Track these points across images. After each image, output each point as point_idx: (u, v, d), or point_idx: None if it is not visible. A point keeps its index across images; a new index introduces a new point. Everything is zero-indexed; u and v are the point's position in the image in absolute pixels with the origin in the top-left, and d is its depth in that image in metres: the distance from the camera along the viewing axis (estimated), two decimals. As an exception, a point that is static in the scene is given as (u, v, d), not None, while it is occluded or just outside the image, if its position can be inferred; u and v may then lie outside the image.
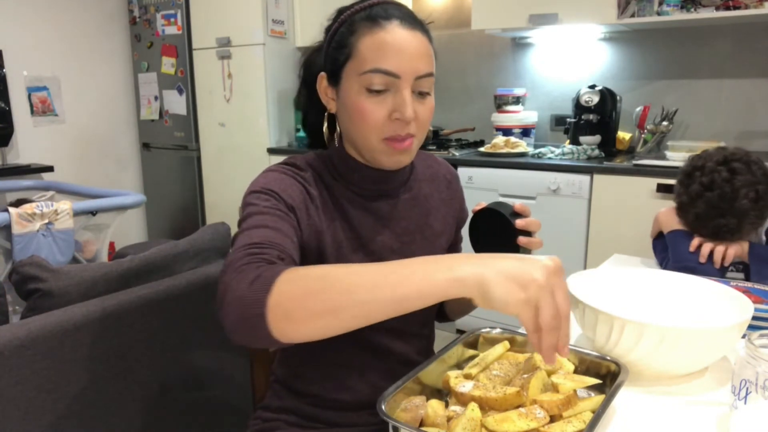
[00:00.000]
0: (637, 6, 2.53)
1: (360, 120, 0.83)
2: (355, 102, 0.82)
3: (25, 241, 2.29)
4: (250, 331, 0.61)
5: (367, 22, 0.82)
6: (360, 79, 0.82)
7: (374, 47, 0.81)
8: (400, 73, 0.80)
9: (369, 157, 0.88)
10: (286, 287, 0.61)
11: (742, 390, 0.68)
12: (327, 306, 0.60)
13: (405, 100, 0.81)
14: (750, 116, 2.58)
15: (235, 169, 3.50)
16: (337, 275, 0.62)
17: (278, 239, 0.74)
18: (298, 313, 0.60)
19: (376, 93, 0.81)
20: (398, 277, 0.60)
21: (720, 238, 1.15)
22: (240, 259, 0.68)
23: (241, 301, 0.62)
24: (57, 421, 1.12)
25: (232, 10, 3.29)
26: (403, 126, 0.82)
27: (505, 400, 0.69)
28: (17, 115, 3.41)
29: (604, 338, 0.80)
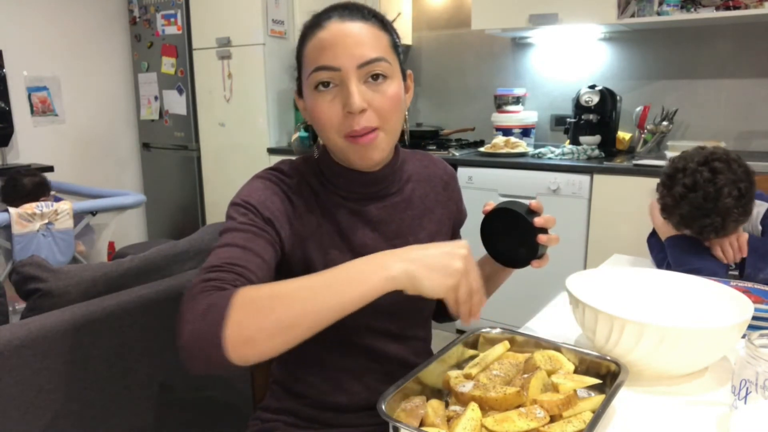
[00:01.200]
0: (637, 6, 2.53)
1: (318, 121, 0.83)
2: (311, 105, 0.83)
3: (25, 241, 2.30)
4: (208, 361, 0.64)
5: (311, 29, 0.83)
6: (309, 82, 0.82)
7: (315, 48, 0.81)
8: (339, 65, 0.79)
9: (342, 158, 0.87)
10: (239, 314, 0.64)
11: (742, 390, 0.68)
12: (280, 324, 0.64)
13: (350, 91, 0.79)
14: (750, 116, 2.58)
15: (235, 169, 3.50)
16: (284, 291, 0.66)
17: (242, 260, 0.75)
18: (254, 336, 0.63)
19: (324, 90, 0.81)
20: (339, 284, 0.67)
21: (705, 237, 1.17)
22: (195, 286, 0.70)
23: (197, 335, 0.64)
24: (57, 421, 1.12)
25: (232, 10, 3.29)
26: (357, 119, 0.80)
27: (505, 400, 0.69)
28: (17, 115, 3.41)
29: (604, 338, 0.80)
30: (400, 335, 0.95)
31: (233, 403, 1.55)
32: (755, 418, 0.60)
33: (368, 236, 0.91)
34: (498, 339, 0.86)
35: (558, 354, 0.80)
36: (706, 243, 1.22)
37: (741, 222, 1.16)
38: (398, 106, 0.84)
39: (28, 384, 1.07)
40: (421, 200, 0.97)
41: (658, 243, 1.34)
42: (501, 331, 0.87)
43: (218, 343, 0.63)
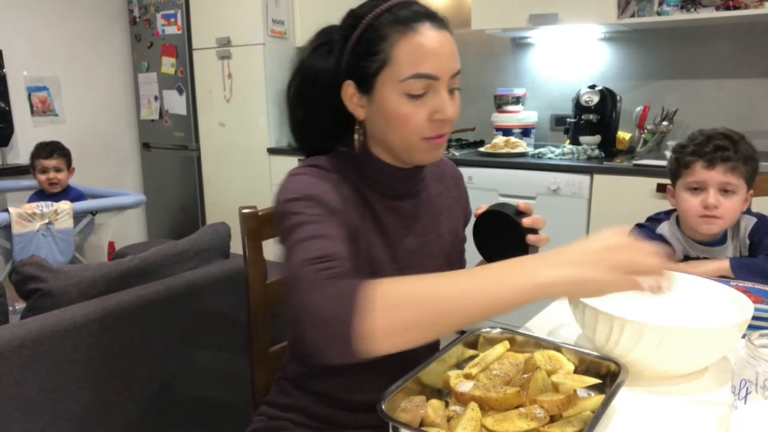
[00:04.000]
0: (637, 6, 2.53)
1: (401, 124, 0.83)
2: (395, 108, 0.82)
3: (25, 241, 2.30)
4: (341, 349, 0.62)
5: (398, 27, 0.81)
6: (400, 86, 0.81)
7: (411, 52, 0.80)
8: (439, 75, 0.81)
9: (404, 155, 0.88)
10: (378, 305, 0.62)
11: (742, 390, 0.68)
12: (419, 321, 0.62)
13: (445, 101, 0.83)
14: (750, 116, 2.58)
15: (235, 169, 3.50)
16: (425, 289, 0.64)
17: (337, 249, 0.73)
18: (391, 329, 0.62)
19: (416, 97, 0.82)
20: (486, 288, 0.63)
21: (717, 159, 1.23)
22: (312, 275, 0.67)
23: (329, 322, 0.63)
24: (57, 421, 1.12)
25: (232, 10, 3.29)
26: (443, 125, 0.84)
27: (505, 400, 0.69)
28: (17, 115, 3.41)
29: (604, 338, 0.80)
30: None
31: (233, 402, 1.55)
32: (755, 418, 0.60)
33: (402, 232, 0.92)
34: (498, 339, 0.86)
35: (558, 354, 0.80)
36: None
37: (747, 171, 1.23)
38: None
39: (28, 384, 1.07)
40: (438, 198, 1.00)
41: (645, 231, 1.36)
42: (501, 331, 0.87)
43: (350, 332, 0.61)
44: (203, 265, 1.51)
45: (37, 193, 2.80)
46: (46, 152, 2.68)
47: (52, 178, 2.69)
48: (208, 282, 1.43)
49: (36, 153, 2.70)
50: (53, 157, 2.69)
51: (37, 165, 2.69)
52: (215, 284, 1.45)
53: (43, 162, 2.67)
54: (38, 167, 2.69)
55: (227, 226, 1.64)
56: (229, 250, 1.63)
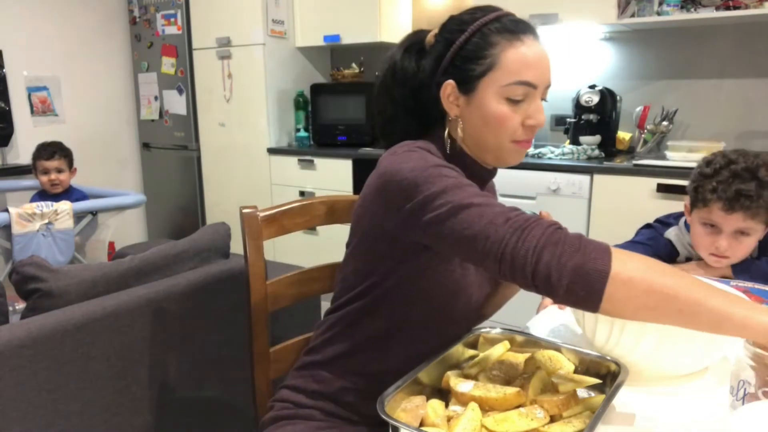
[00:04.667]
0: (637, 6, 2.53)
1: (497, 125, 0.89)
2: (494, 110, 0.88)
3: (25, 241, 2.30)
4: (587, 297, 0.68)
5: (506, 35, 0.87)
6: (502, 90, 0.87)
7: (518, 60, 0.87)
8: (538, 84, 0.88)
9: (493, 155, 0.93)
10: (625, 269, 0.67)
11: (740, 390, 0.68)
12: (657, 306, 0.67)
13: (539, 108, 0.89)
14: (750, 116, 2.58)
15: (235, 169, 3.50)
16: (678, 281, 0.68)
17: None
18: (634, 301, 0.67)
19: (516, 102, 0.88)
20: (740, 309, 0.66)
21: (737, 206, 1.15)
22: (547, 229, 0.71)
23: (581, 268, 0.68)
24: (57, 421, 1.12)
25: (232, 10, 3.29)
26: (533, 130, 0.90)
27: (505, 400, 0.69)
28: (17, 115, 3.41)
29: (604, 338, 0.80)
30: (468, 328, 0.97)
31: (233, 402, 1.55)
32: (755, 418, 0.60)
33: None
34: (498, 339, 0.86)
35: (558, 354, 0.80)
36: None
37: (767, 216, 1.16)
38: None
39: (28, 384, 1.07)
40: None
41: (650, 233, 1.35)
42: (501, 331, 0.87)
43: (601, 289, 0.67)
44: (203, 265, 1.51)
45: (39, 193, 2.80)
46: (48, 153, 2.68)
47: (54, 179, 2.70)
48: (208, 282, 1.43)
49: (37, 154, 2.70)
50: (54, 158, 2.69)
51: (38, 166, 2.69)
52: (215, 284, 1.45)
53: (45, 163, 2.67)
54: (40, 168, 2.69)
55: (227, 226, 1.64)
56: (229, 250, 1.63)
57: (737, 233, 1.17)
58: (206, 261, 1.54)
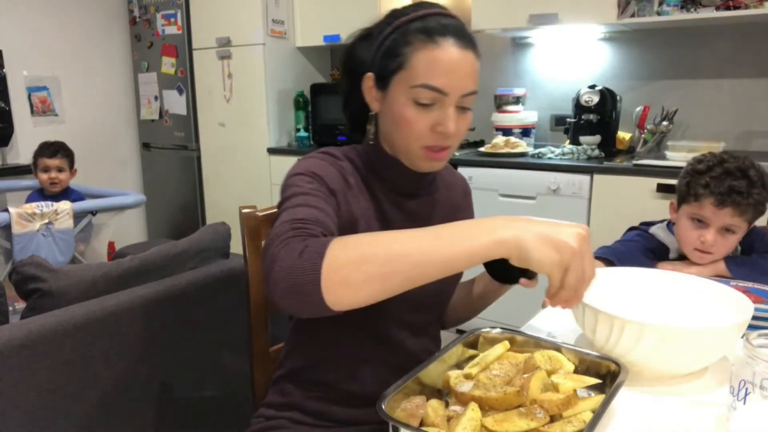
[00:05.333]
0: (637, 6, 2.53)
1: (404, 128, 0.86)
2: (401, 111, 0.85)
3: (25, 241, 2.30)
4: (303, 299, 0.64)
5: (422, 36, 0.83)
6: (409, 91, 0.84)
7: (427, 63, 0.83)
8: (448, 91, 0.83)
9: (405, 158, 0.91)
10: (339, 254, 0.65)
11: (741, 390, 0.68)
12: (380, 270, 0.64)
13: (449, 116, 0.84)
14: (750, 116, 2.58)
15: (235, 169, 3.50)
16: (387, 241, 0.66)
17: (321, 217, 0.77)
18: (352, 278, 0.64)
19: (423, 107, 0.84)
20: (446, 241, 0.65)
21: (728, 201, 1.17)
22: (286, 232, 0.70)
23: (292, 270, 0.64)
24: (57, 421, 1.12)
25: (232, 10, 3.29)
26: (444, 138, 0.86)
27: (505, 400, 0.69)
28: (17, 115, 3.41)
29: (604, 338, 0.80)
30: (420, 330, 0.98)
31: (233, 402, 1.55)
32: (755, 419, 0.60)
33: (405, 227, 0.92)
34: (498, 339, 0.86)
35: (558, 354, 0.80)
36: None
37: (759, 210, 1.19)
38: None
39: (28, 384, 1.07)
40: (447, 203, 1.03)
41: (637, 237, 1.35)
42: (501, 331, 0.87)
43: (315, 279, 0.63)
44: (203, 265, 1.51)
45: (37, 192, 2.80)
46: (50, 151, 2.68)
47: (54, 177, 2.69)
48: (208, 282, 1.43)
49: (39, 151, 2.69)
50: (57, 157, 2.69)
51: (39, 163, 2.68)
52: (215, 284, 1.45)
53: (46, 161, 2.67)
54: (40, 165, 2.68)
55: (227, 226, 1.64)
56: (229, 250, 1.63)
57: (723, 230, 1.20)
58: (206, 261, 1.54)
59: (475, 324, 0.96)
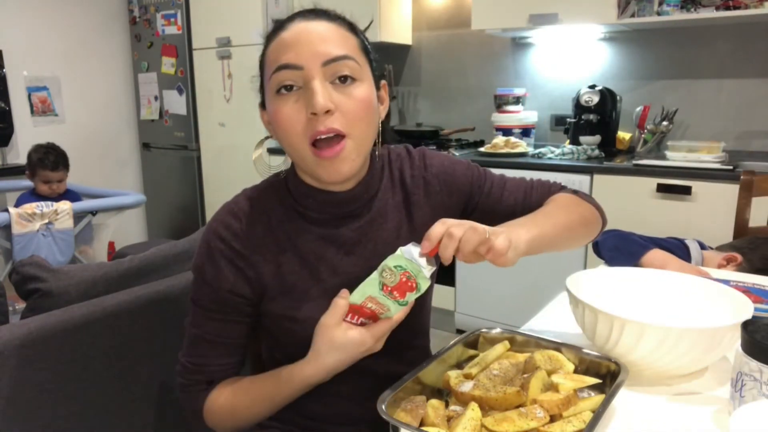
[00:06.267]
0: (637, 6, 2.53)
1: (281, 128, 0.77)
2: (273, 111, 0.78)
3: (25, 241, 2.30)
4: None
5: (273, 32, 0.80)
6: (270, 86, 0.78)
7: (276, 48, 0.78)
8: (301, 64, 0.75)
9: (310, 174, 0.81)
10: (212, 418, 0.88)
11: (738, 382, 0.69)
12: (244, 423, 0.87)
13: (313, 90, 0.74)
14: (750, 116, 2.58)
15: (235, 169, 3.50)
16: (242, 403, 0.86)
17: (210, 356, 0.88)
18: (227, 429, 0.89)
19: (287, 94, 0.76)
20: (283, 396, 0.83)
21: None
22: (180, 385, 0.91)
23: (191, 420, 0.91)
24: (57, 421, 1.12)
25: (232, 10, 3.29)
26: (322, 120, 0.74)
27: (505, 400, 0.69)
28: (17, 115, 3.41)
29: (604, 338, 0.80)
30: (398, 352, 0.90)
31: (233, 403, 1.55)
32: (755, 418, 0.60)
33: (342, 261, 0.86)
34: (498, 339, 0.86)
35: (558, 354, 0.80)
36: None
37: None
38: (368, 112, 0.78)
39: (28, 384, 1.07)
40: (397, 208, 0.91)
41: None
42: (501, 331, 0.87)
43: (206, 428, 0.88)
44: (203, 265, 1.50)
45: (29, 193, 2.79)
46: (52, 164, 2.67)
47: (56, 188, 2.71)
48: (208, 282, 1.43)
49: (40, 163, 2.67)
50: (58, 170, 2.69)
51: (40, 174, 2.68)
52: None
53: (49, 174, 2.67)
54: (41, 176, 2.68)
55: (227, 226, 1.64)
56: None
57: None
58: (206, 261, 1.53)
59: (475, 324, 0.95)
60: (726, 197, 2.09)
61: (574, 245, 0.95)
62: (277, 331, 0.89)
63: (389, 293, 0.73)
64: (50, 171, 2.67)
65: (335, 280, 0.85)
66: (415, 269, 0.72)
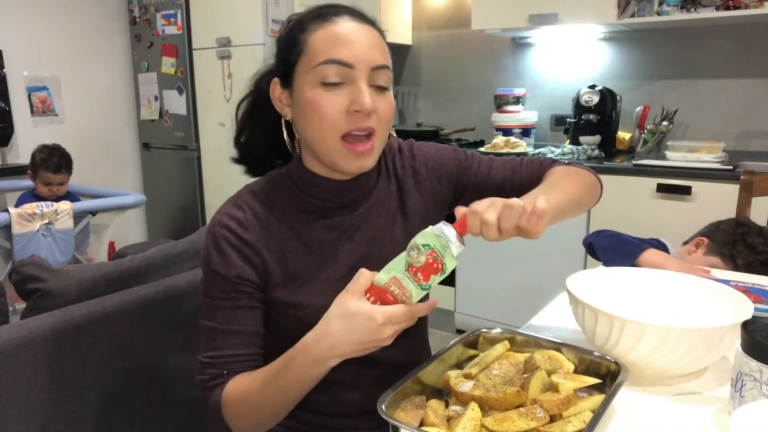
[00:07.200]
0: (637, 6, 2.53)
1: (316, 116, 0.79)
2: (309, 98, 0.79)
3: (25, 241, 2.30)
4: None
5: (317, 20, 0.81)
6: (313, 73, 0.79)
7: (325, 39, 0.78)
8: (354, 63, 0.78)
9: (329, 162, 0.83)
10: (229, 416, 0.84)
11: (738, 382, 0.69)
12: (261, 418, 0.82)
13: (362, 90, 0.78)
14: (750, 116, 2.58)
15: (235, 169, 3.50)
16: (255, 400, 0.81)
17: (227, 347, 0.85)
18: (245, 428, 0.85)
19: (332, 86, 0.78)
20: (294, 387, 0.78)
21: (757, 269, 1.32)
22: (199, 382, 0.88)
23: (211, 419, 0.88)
24: (57, 421, 1.12)
25: (232, 10, 3.29)
26: (363, 118, 0.78)
27: (505, 400, 0.69)
28: (17, 115, 3.41)
29: (604, 338, 0.80)
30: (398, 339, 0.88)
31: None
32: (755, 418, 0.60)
33: (344, 247, 0.89)
34: (498, 339, 0.86)
35: (558, 354, 0.80)
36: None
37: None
38: (392, 118, 0.85)
39: (28, 384, 1.07)
40: (392, 197, 0.95)
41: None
42: (501, 331, 0.87)
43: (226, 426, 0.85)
44: (203, 265, 1.51)
45: (29, 193, 2.78)
46: (54, 166, 2.65)
47: (56, 191, 2.70)
48: (208, 282, 1.43)
49: (42, 164, 2.65)
50: (61, 172, 2.67)
51: (41, 176, 2.66)
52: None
53: (51, 176, 2.66)
54: (43, 178, 2.66)
55: (227, 226, 1.64)
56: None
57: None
58: (206, 261, 1.53)
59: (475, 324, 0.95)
60: (726, 197, 2.09)
61: (582, 211, 0.98)
62: (283, 319, 0.89)
63: (414, 275, 0.72)
64: (52, 173, 2.65)
65: (336, 265, 0.88)
66: (443, 245, 0.71)
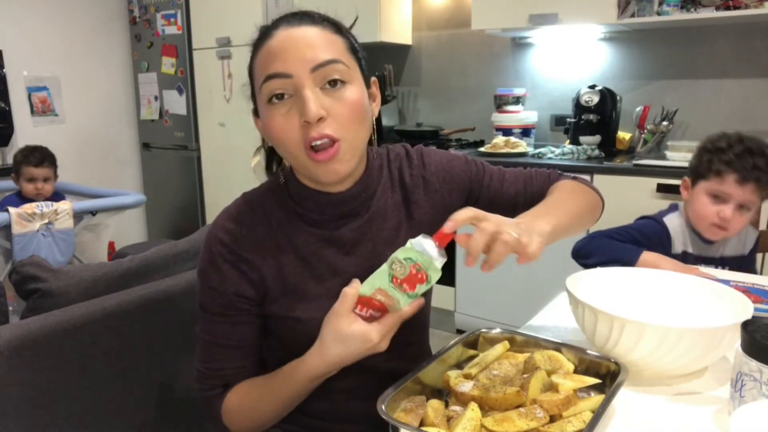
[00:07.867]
0: (637, 6, 2.53)
1: (275, 136, 0.79)
2: (267, 120, 0.79)
3: (25, 241, 2.30)
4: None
5: (259, 41, 0.80)
6: (262, 95, 0.78)
7: (263, 57, 0.78)
8: (290, 72, 0.75)
9: (307, 175, 0.83)
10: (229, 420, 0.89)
11: (738, 382, 0.69)
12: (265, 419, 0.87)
13: (305, 98, 0.74)
14: (750, 116, 2.58)
15: (235, 169, 3.51)
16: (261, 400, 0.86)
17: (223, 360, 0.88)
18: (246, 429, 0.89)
19: (278, 102, 0.77)
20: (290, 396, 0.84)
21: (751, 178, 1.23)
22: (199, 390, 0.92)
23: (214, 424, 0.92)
24: (57, 421, 1.12)
25: (232, 10, 3.29)
26: (314, 127, 0.75)
27: (505, 400, 0.69)
28: (17, 115, 3.41)
29: (604, 338, 0.80)
30: (399, 348, 0.87)
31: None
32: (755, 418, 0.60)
33: (343, 261, 0.87)
34: (498, 339, 0.86)
35: (558, 354, 0.80)
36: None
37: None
38: (360, 113, 0.79)
39: (28, 384, 1.07)
40: (396, 208, 0.92)
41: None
42: (501, 331, 0.87)
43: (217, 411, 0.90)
44: (203, 265, 1.50)
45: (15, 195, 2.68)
46: (36, 160, 2.55)
47: (41, 188, 2.59)
48: (208, 282, 1.43)
49: (24, 159, 2.56)
50: (43, 166, 2.57)
51: (24, 172, 2.56)
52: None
53: (33, 170, 2.55)
54: (26, 174, 2.56)
55: (227, 226, 1.64)
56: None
57: (739, 206, 1.25)
58: (206, 261, 1.53)
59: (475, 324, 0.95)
60: (726, 197, 2.09)
61: (582, 230, 0.99)
62: (281, 332, 0.89)
63: (399, 285, 0.73)
64: (34, 167, 2.54)
65: (336, 280, 0.86)
66: (425, 261, 0.72)
